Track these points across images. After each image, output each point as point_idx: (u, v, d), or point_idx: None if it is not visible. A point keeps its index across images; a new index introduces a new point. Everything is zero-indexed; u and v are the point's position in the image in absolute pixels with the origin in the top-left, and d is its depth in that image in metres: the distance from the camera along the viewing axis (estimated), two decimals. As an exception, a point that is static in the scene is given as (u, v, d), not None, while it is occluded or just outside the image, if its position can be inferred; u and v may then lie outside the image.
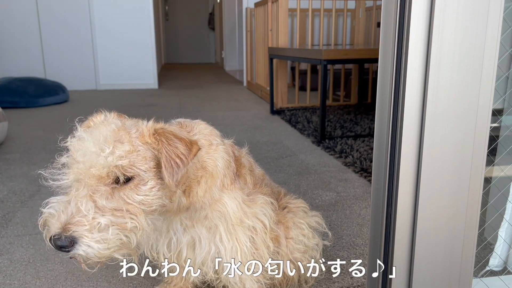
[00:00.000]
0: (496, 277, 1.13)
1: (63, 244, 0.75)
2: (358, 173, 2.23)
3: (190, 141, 0.85)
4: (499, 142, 1.23)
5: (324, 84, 2.85)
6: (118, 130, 0.81)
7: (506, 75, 1.19)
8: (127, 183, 0.79)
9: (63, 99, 4.73)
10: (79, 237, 0.75)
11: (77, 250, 0.75)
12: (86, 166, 0.77)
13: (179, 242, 0.98)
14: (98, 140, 0.78)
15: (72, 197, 0.77)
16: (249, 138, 3.01)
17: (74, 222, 0.75)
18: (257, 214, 1.00)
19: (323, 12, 4.05)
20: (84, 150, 0.78)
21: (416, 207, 0.85)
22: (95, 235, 0.75)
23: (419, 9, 0.77)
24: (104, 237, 0.75)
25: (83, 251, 0.75)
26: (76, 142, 0.81)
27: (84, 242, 0.75)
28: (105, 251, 0.76)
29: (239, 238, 0.97)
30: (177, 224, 0.97)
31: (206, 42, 11.74)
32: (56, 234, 0.75)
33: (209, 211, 0.96)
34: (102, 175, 0.77)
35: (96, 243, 0.75)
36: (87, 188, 0.77)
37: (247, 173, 1.05)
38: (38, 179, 0.85)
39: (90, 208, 0.76)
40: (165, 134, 0.83)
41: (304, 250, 1.10)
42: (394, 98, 0.83)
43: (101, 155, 0.77)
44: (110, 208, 0.77)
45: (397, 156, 0.84)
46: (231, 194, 0.97)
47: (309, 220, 1.14)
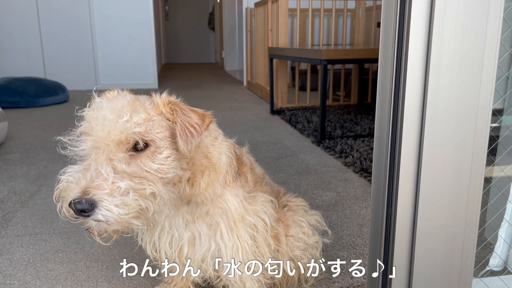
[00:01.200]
0: (496, 277, 1.13)
1: (83, 207, 0.73)
2: (358, 173, 2.23)
3: (203, 113, 0.88)
4: (499, 142, 1.23)
5: (324, 84, 2.85)
6: (133, 101, 0.84)
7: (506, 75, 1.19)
8: (144, 150, 0.81)
9: (63, 99, 4.73)
10: (99, 200, 0.74)
11: (96, 214, 0.74)
12: (104, 132, 0.78)
13: (180, 238, 0.98)
14: (115, 108, 0.80)
15: (91, 162, 0.77)
16: (249, 138, 3.01)
17: (94, 186, 0.74)
18: (258, 212, 1.00)
19: (323, 12, 4.05)
20: (102, 117, 0.80)
21: (416, 207, 0.85)
22: (115, 199, 0.74)
23: (419, 9, 0.77)
24: (124, 202, 0.75)
25: (102, 215, 0.74)
26: (93, 111, 0.82)
27: (104, 206, 0.74)
28: (124, 216, 0.75)
29: (240, 236, 0.98)
30: (179, 219, 0.97)
31: (206, 42, 11.73)
32: (76, 198, 0.74)
33: (211, 207, 0.96)
34: (121, 139, 0.78)
35: (116, 207, 0.74)
36: (106, 153, 0.78)
37: (248, 171, 1.06)
38: (57, 148, 0.85)
39: (109, 172, 0.75)
40: (178, 105, 0.87)
41: (304, 248, 1.11)
42: (394, 98, 0.83)
43: (119, 121, 0.78)
44: (129, 173, 0.78)
45: (397, 156, 0.84)
46: (232, 191, 0.98)
47: (309, 218, 1.14)
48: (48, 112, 4.16)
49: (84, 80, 5.78)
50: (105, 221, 0.75)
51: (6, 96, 4.32)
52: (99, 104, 0.83)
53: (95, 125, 0.80)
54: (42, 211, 1.79)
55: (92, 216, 0.74)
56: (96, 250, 1.46)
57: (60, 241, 1.53)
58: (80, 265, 1.37)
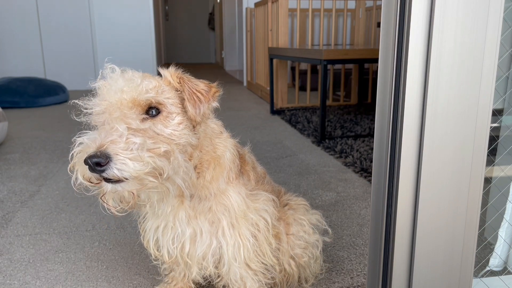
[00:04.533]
0: (496, 277, 1.13)
1: (98, 160, 0.72)
2: (358, 173, 2.23)
3: (209, 83, 0.92)
4: (499, 142, 1.23)
5: (324, 84, 2.85)
6: (142, 74, 0.88)
7: (506, 75, 1.19)
8: (157, 116, 0.83)
9: (63, 99, 4.73)
10: (114, 154, 0.74)
11: (111, 169, 0.74)
12: (117, 96, 0.81)
13: (182, 233, 0.98)
14: (126, 77, 0.84)
15: (105, 125, 0.79)
16: (249, 138, 3.01)
17: (109, 141, 0.75)
18: (260, 210, 1.01)
19: (323, 12, 4.05)
20: (115, 84, 0.82)
21: (416, 207, 0.85)
22: (130, 153, 0.74)
23: (419, 9, 0.77)
24: (140, 156, 0.75)
25: (118, 170, 0.74)
26: (105, 80, 0.85)
27: (119, 159, 0.73)
28: (140, 170, 0.75)
29: (242, 233, 0.98)
30: (182, 213, 0.97)
31: (206, 42, 11.73)
32: (91, 153, 0.73)
33: (214, 203, 0.97)
34: (134, 102, 0.80)
35: (131, 160, 0.74)
36: (121, 113, 0.80)
37: (250, 170, 1.07)
38: (71, 115, 0.86)
39: (124, 130, 0.76)
40: (186, 75, 0.91)
41: (305, 246, 1.11)
42: (394, 98, 0.83)
43: (131, 85, 0.81)
44: (143, 133, 0.79)
45: (397, 156, 0.84)
46: (235, 188, 0.99)
47: (310, 217, 1.15)
48: (48, 112, 4.16)
49: (84, 80, 5.77)
50: (120, 177, 0.74)
51: (6, 96, 4.32)
52: (110, 75, 0.86)
53: (108, 92, 0.82)
54: (42, 211, 1.79)
55: (107, 171, 0.74)
56: (96, 250, 1.46)
57: (60, 241, 1.53)
58: (80, 265, 1.37)
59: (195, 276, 1.05)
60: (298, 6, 3.95)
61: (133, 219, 1.17)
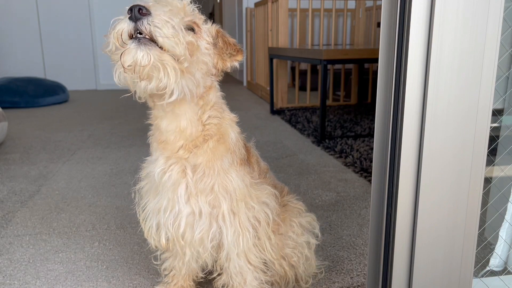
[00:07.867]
0: (496, 277, 1.13)
1: (142, 7, 0.77)
2: (358, 173, 2.23)
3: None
4: (499, 142, 1.23)
5: (324, 84, 2.85)
6: None
7: (506, 75, 1.19)
8: (192, 31, 0.89)
9: (63, 99, 4.73)
10: (156, 14, 0.78)
11: (147, 21, 0.77)
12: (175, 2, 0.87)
13: (179, 211, 0.96)
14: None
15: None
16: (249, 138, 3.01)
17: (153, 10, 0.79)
18: (261, 198, 1.00)
19: (323, 12, 4.05)
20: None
21: (416, 207, 0.85)
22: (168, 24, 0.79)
23: (419, 9, 0.77)
24: (176, 29, 0.80)
25: (153, 25, 0.77)
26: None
27: (158, 17, 0.78)
28: (170, 38, 0.79)
29: (242, 222, 0.97)
30: (182, 189, 0.95)
31: (206, 42, 11.72)
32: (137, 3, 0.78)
33: (216, 182, 0.95)
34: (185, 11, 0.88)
35: (167, 28, 0.78)
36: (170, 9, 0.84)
37: (255, 162, 1.07)
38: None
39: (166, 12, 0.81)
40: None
41: (294, 246, 1.13)
42: (394, 98, 0.83)
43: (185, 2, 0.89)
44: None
45: (397, 156, 0.84)
46: (239, 173, 0.98)
47: (301, 220, 1.16)
48: (48, 112, 4.16)
49: (84, 80, 5.78)
50: (152, 33, 0.78)
51: (6, 96, 4.32)
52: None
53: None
54: (42, 211, 1.79)
55: (144, 21, 0.77)
56: (96, 250, 1.46)
57: (60, 241, 1.53)
58: (80, 265, 1.37)
59: (190, 262, 1.04)
60: (298, 6, 3.95)
61: (133, 220, 1.16)
